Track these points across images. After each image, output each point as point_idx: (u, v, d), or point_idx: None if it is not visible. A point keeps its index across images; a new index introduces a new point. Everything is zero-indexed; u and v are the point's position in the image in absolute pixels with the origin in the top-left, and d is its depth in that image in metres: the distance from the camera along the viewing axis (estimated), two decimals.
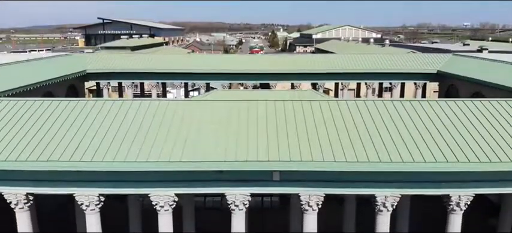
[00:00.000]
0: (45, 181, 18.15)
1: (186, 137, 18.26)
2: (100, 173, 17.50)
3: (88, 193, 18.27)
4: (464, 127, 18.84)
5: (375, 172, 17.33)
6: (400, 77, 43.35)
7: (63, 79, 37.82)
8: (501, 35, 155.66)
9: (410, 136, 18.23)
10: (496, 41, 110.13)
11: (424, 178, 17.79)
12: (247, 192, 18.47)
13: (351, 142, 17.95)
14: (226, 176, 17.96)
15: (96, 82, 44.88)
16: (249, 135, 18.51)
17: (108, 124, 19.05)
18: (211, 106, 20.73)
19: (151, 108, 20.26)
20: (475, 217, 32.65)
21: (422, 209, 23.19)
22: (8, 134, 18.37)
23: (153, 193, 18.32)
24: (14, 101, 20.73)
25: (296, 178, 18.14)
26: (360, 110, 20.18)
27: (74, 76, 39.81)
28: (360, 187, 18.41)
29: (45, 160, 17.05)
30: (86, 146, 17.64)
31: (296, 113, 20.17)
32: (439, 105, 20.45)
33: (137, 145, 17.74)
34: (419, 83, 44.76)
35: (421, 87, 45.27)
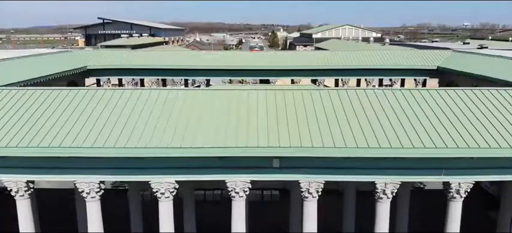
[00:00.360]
0: (45, 168, 18.24)
1: (187, 124, 18.34)
2: (101, 159, 17.57)
3: (89, 180, 18.35)
4: (464, 115, 18.93)
5: (375, 158, 17.41)
6: (400, 73, 43.40)
7: (64, 75, 37.88)
8: (501, 35, 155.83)
9: (410, 123, 18.31)
10: (496, 40, 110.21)
11: (424, 164, 17.86)
12: (247, 179, 18.54)
13: (350, 129, 18.03)
14: (226, 163, 18.03)
15: (97, 79, 44.97)
16: (249, 122, 18.59)
17: (109, 112, 19.13)
18: (211, 95, 20.82)
19: (152, 96, 20.34)
20: (475, 210, 32.75)
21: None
22: (9, 121, 18.44)
23: (154, 180, 18.39)
24: (14, 91, 20.83)
25: (296, 165, 18.21)
26: (359, 98, 20.27)
27: (74, 72, 39.87)
28: (360, 174, 18.48)
29: (46, 146, 17.13)
30: (87, 132, 17.73)
31: (296, 101, 20.25)
32: (439, 94, 20.53)
33: (138, 131, 17.83)
34: (419, 80, 44.78)
35: (421, 83, 45.31)
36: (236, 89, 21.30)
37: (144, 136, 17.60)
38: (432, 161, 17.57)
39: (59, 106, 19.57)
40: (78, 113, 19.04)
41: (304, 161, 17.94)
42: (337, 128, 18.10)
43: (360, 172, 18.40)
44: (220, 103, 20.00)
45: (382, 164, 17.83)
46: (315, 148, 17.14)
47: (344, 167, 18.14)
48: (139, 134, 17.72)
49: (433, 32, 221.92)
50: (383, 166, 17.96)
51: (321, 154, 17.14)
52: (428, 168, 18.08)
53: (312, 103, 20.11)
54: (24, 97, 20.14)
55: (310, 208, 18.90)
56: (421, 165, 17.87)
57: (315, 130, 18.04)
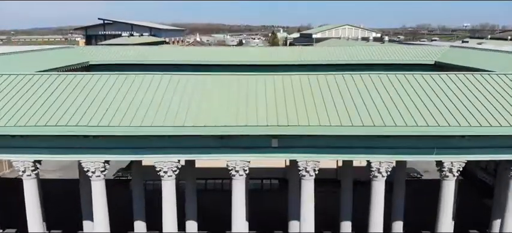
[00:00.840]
0: (52, 147, 18.97)
1: (188, 106, 19.08)
2: (106, 139, 18.31)
3: (94, 159, 19.08)
4: (456, 96, 19.68)
5: (369, 137, 18.13)
6: (397, 68, 43.81)
7: (66, 69, 38.62)
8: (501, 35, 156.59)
9: (404, 104, 19.07)
10: (495, 39, 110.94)
11: (417, 143, 18.58)
12: (247, 159, 19.27)
13: (346, 109, 18.78)
14: (227, 143, 18.74)
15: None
16: (249, 105, 19.33)
17: (114, 94, 19.89)
18: (214, 80, 21.57)
19: (155, 80, 21.10)
20: (472, 198, 33.52)
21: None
22: (17, 103, 19.18)
23: (157, 159, 19.13)
24: (21, 76, 21.57)
25: (294, 145, 18.94)
26: (355, 82, 21.03)
27: (76, 67, 40.60)
28: (355, 153, 19.24)
29: (54, 124, 17.88)
30: (93, 112, 18.49)
31: (294, 85, 21.01)
32: (432, 78, 21.29)
33: (142, 112, 18.58)
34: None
35: None
36: (237, 75, 22.05)
37: (148, 116, 18.34)
38: (424, 139, 18.29)
39: (64, 90, 20.32)
40: (84, 95, 19.80)
41: (302, 140, 18.67)
42: (333, 109, 18.84)
43: (355, 152, 19.15)
44: (222, 87, 20.76)
45: (376, 143, 18.55)
46: (311, 127, 17.89)
47: (340, 146, 18.86)
48: (143, 114, 18.47)
49: (433, 33, 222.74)
50: (377, 145, 18.69)
51: (317, 132, 17.88)
52: (421, 147, 18.79)
53: (309, 86, 20.87)
54: (31, 81, 20.90)
55: (308, 186, 19.62)
56: (414, 144, 18.59)
57: (312, 111, 18.78)
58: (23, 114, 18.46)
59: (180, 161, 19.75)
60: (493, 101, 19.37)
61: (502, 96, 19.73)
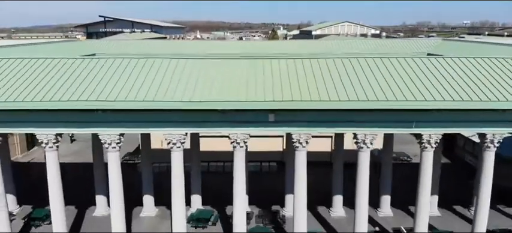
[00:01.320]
0: (72, 122, 21.49)
1: (195, 85, 21.54)
2: (121, 113, 20.79)
3: (110, 132, 21.59)
4: (433, 75, 22.15)
5: (354, 110, 20.61)
6: None
7: None
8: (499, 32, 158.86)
9: (386, 82, 21.53)
10: (492, 35, 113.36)
11: (398, 118, 21.09)
12: (247, 132, 21.76)
13: (335, 87, 21.22)
14: (229, 117, 21.21)
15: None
16: (248, 84, 21.76)
17: (127, 74, 22.33)
18: (217, 63, 24.06)
19: (164, 64, 23.56)
20: (459, 179, 36.09)
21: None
22: (40, 83, 21.64)
23: (167, 132, 21.63)
24: (42, 60, 24.01)
25: (288, 119, 21.42)
26: (344, 65, 23.45)
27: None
28: (343, 127, 21.79)
29: (75, 100, 20.38)
30: (109, 90, 20.96)
31: (289, 68, 23.45)
32: (414, 61, 23.71)
33: (154, 89, 21.05)
34: None
35: None
36: (238, 59, 24.55)
37: (159, 92, 20.81)
38: (404, 113, 20.79)
39: (82, 71, 22.73)
40: (100, 76, 22.25)
41: (295, 115, 21.16)
42: (323, 88, 21.30)
43: (343, 125, 21.69)
44: (225, 70, 23.24)
45: (361, 117, 21.05)
46: (303, 102, 20.38)
47: (329, 120, 21.35)
48: (154, 91, 20.95)
49: (433, 30, 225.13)
50: (362, 119, 21.18)
51: (308, 106, 20.38)
52: (401, 121, 21.32)
53: (303, 70, 23.29)
54: (51, 65, 23.37)
55: (301, 156, 22.12)
56: (395, 118, 21.10)
57: (305, 90, 21.23)
58: (47, 92, 20.91)
59: (187, 134, 22.26)
60: (466, 80, 21.83)
61: (477, 77, 22.15)
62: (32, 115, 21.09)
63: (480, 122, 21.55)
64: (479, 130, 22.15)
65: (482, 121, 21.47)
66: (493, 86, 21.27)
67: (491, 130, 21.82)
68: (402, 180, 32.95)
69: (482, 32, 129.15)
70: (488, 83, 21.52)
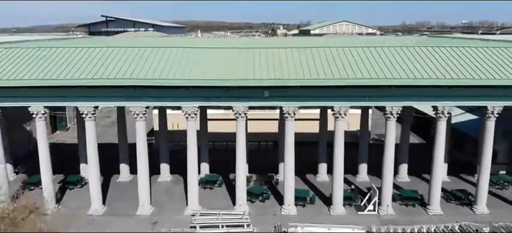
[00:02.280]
0: (107, 96, 27.70)
1: (204, 68, 27.77)
2: (146, 89, 26.95)
3: (138, 105, 27.81)
4: (396, 60, 28.35)
5: (329, 87, 26.73)
6: None
7: None
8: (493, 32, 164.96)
9: (357, 65, 27.76)
10: (484, 34, 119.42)
11: (365, 93, 27.26)
12: (246, 105, 27.96)
13: (316, 70, 27.44)
14: (232, 93, 27.37)
15: None
16: (247, 67, 27.99)
17: (151, 59, 28.56)
18: (221, 51, 30.33)
19: (173, 51, 29.82)
20: (428, 155, 42.08)
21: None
22: (78, 62, 27.86)
23: (184, 105, 27.84)
24: (73, 48, 30.22)
25: (280, 95, 27.59)
26: (325, 53, 29.69)
27: None
28: (324, 101, 28.09)
29: (106, 77, 26.61)
30: (138, 70, 27.20)
31: (281, 55, 29.67)
32: (382, 51, 29.94)
33: (173, 70, 27.28)
34: None
35: None
36: (239, 48, 30.83)
37: (177, 74, 27.02)
38: (371, 89, 26.98)
39: (109, 55, 28.97)
40: (125, 58, 28.48)
41: (286, 91, 27.31)
42: (307, 70, 27.52)
43: (324, 99, 27.96)
44: (227, 56, 29.51)
45: (336, 92, 27.21)
46: (291, 80, 26.61)
47: (312, 95, 27.53)
48: (174, 72, 27.16)
49: (432, 30, 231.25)
50: (337, 94, 27.34)
51: (296, 83, 26.55)
52: (370, 96, 27.52)
53: (292, 57, 29.49)
54: (83, 51, 29.61)
55: (289, 125, 28.33)
56: (363, 93, 27.27)
57: (293, 71, 27.45)
58: (82, 71, 27.13)
59: (199, 109, 28.52)
60: (420, 61, 28.05)
61: (436, 60, 28.34)
62: (75, 91, 27.30)
63: (432, 97, 27.76)
64: (432, 103, 28.42)
65: (434, 95, 27.66)
66: (447, 66, 27.49)
67: (442, 103, 27.99)
68: (380, 156, 39.04)
69: (476, 31, 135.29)
70: (444, 64, 27.74)
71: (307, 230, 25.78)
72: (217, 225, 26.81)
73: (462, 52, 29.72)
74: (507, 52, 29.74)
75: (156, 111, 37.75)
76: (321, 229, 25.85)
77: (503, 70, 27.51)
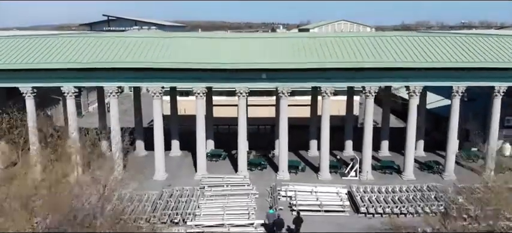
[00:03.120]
0: (128, 77, 33.36)
1: (210, 53, 33.41)
2: (162, 71, 32.55)
3: (155, 85, 33.46)
4: (379, 47, 33.97)
5: (315, 69, 32.34)
6: None
7: None
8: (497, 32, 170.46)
9: (340, 52, 33.38)
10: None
11: (346, 75, 32.90)
12: (247, 86, 33.59)
13: (305, 55, 33.11)
14: (234, 75, 32.96)
15: None
16: (248, 53, 33.66)
17: (169, 43, 34.20)
18: (223, 39, 36.02)
19: (184, 39, 35.48)
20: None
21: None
22: (99, 48, 33.50)
23: (193, 86, 33.48)
24: (100, 37, 35.86)
25: (275, 77, 33.17)
26: (314, 42, 35.36)
27: None
28: (312, 81, 33.75)
29: (136, 60, 32.26)
30: (156, 55, 32.84)
31: (278, 43, 35.36)
32: (369, 39, 35.58)
33: (186, 55, 32.93)
34: None
35: None
36: (240, 37, 36.51)
37: (190, 56, 32.68)
38: (350, 72, 32.60)
39: (143, 41, 34.61)
40: (148, 46, 34.13)
41: (280, 73, 32.91)
42: (297, 55, 33.18)
43: (312, 81, 33.64)
44: (230, 43, 35.18)
45: (322, 74, 32.80)
46: (285, 63, 32.25)
47: (303, 77, 33.15)
48: (187, 55, 32.81)
49: (430, 30, 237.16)
50: (323, 76, 32.92)
51: (286, 66, 32.18)
52: (351, 78, 33.19)
53: (287, 44, 35.16)
54: (107, 39, 35.27)
55: (284, 103, 33.97)
56: (344, 75, 32.91)
57: (284, 55, 33.11)
58: (104, 55, 32.78)
59: (205, 89, 34.17)
60: (389, 48, 33.67)
61: (414, 46, 33.92)
62: (101, 73, 32.90)
63: (404, 78, 33.38)
64: (404, 83, 34.09)
65: (406, 77, 33.25)
66: (419, 51, 33.10)
67: (414, 83, 33.55)
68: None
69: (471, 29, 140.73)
70: (416, 49, 33.38)
71: (297, 188, 31.40)
72: (222, 184, 32.39)
73: (437, 40, 35.32)
74: (482, 40, 35.29)
75: (168, 98, 43.38)
76: (308, 187, 31.46)
77: (471, 54, 33.14)
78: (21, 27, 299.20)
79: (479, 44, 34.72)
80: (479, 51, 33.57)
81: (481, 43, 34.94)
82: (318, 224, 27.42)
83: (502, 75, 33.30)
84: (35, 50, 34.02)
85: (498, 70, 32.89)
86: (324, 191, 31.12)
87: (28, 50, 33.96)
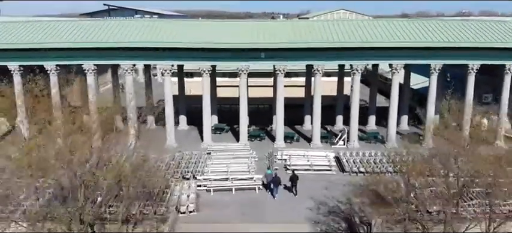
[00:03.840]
0: (143, 56, 38.25)
1: (218, 36, 38.24)
2: (173, 51, 37.40)
3: (166, 63, 38.35)
4: (367, 31, 38.78)
5: (311, 49, 37.22)
6: None
7: None
8: None
9: (331, 32, 38.21)
10: None
11: (335, 54, 37.75)
12: (248, 64, 38.48)
13: (300, 36, 37.93)
14: (236, 54, 37.81)
15: None
16: (248, 34, 38.49)
17: (175, 28, 38.99)
18: (227, 23, 40.83)
19: (193, 23, 40.28)
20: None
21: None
22: (115, 30, 38.29)
23: (200, 64, 38.38)
24: (112, 20, 40.63)
25: (272, 56, 38.03)
26: (308, 25, 40.14)
27: None
28: (305, 60, 38.66)
29: (152, 40, 37.11)
30: (166, 36, 37.65)
31: (276, 26, 40.17)
32: (357, 23, 40.35)
33: (191, 36, 37.75)
34: None
35: None
36: (243, 22, 41.31)
37: (197, 38, 37.51)
38: (340, 50, 37.46)
39: (154, 24, 39.38)
40: (164, 27, 38.93)
41: (276, 53, 37.75)
42: (292, 35, 38.01)
43: (305, 59, 38.53)
44: (233, 27, 40.00)
45: (314, 54, 37.65)
46: (281, 43, 37.10)
47: (296, 57, 38.01)
48: (194, 37, 37.63)
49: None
50: (315, 55, 37.77)
51: (284, 46, 37.03)
52: (340, 57, 38.08)
53: (283, 27, 39.98)
54: (122, 23, 40.05)
55: (280, 80, 38.85)
56: (337, 56, 37.79)
57: (281, 37, 37.94)
58: (129, 37, 37.58)
59: (210, 67, 39.02)
60: (375, 31, 38.48)
61: (397, 29, 38.72)
62: (120, 52, 37.73)
63: (386, 56, 38.27)
64: (388, 61, 39.02)
65: (388, 56, 38.12)
66: (400, 32, 37.94)
67: (396, 61, 38.40)
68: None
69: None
70: (398, 31, 38.19)
71: (291, 152, 36.45)
72: (226, 150, 37.40)
73: (419, 24, 39.96)
74: (460, 24, 40.07)
75: (176, 79, 48.22)
76: (301, 152, 36.51)
77: (447, 35, 37.84)
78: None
79: (456, 28, 39.53)
80: (455, 33, 38.43)
81: (458, 26, 39.79)
82: (310, 181, 32.41)
83: (474, 54, 38.15)
84: (58, 31, 38.92)
85: (470, 49, 37.74)
86: (314, 154, 36.13)
87: (52, 31, 38.90)
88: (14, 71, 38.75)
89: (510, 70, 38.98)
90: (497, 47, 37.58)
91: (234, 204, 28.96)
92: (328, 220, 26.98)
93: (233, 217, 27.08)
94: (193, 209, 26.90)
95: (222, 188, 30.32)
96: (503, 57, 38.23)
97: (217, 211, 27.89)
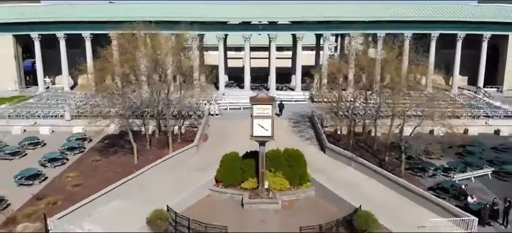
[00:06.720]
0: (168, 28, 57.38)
1: (227, 14, 57.29)
2: (197, 24, 56.40)
3: (191, 32, 57.36)
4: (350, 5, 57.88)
5: (294, 22, 56.22)
6: None
7: None
8: None
9: (315, 9, 57.32)
10: None
11: (338, 27, 56.87)
12: (250, 32, 57.51)
13: (293, 12, 57.03)
14: (242, 26, 56.82)
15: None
16: (250, 11, 57.59)
17: (192, 8, 58.10)
18: (235, 7, 60.14)
19: (213, 5, 59.61)
20: None
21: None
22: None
23: (215, 34, 57.52)
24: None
25: (268, 27, 57.01)
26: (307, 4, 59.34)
27: None
28: (290, 31, 57.95)
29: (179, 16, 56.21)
30: (191, 11, 56.77)
31: (276, 7, 59.37)
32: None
33: (210, 13, 56.85)
34: None
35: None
36: (247, 4, 60.67)
37: (213, 14, 56.58)
38: (339, 24, 56.49)
39: (177, 6, 58.43)
40: (185, 7, 57.98)
41: (271, 26, 56.70)
42: (286, 13, 57.07)
43: (290, 29, 57.77)
44: (241, 11, 59.31)
45: (296, 26, 56.61)
46: (272, 17, 56.20)
47: (283, 28, 57.11)
48: (213, 15, 56.70)
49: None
50: (297, 27, 56.73)
51: (277, 20, 56.06)
52: (339, 28, 57.27)
53: (275, 7, 59.09)
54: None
55: (273, 45, 57.79)
56: (336, 27, 56.97)
57: (277, 13, 56.97)
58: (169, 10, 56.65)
59: (223, 36, 58.08)
60: (365, 12, 57.49)
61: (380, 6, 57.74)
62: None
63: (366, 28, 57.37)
64: (364, 31, 58.28)
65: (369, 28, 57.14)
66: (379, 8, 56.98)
67: (374, 31, 57.34)
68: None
69: None
70: (379, 10, 57.27)
71: (279, 93, 55.49)
72: (235, 93, 56.54)
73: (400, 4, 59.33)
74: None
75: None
76: (286, 92, 55.62)
77: (418, 11, 57.08)
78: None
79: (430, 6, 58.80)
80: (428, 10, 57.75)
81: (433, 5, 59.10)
82: (290, 106, 51.31)
83: (434, 27, 57.08)
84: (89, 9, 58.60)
85: (431, 23, 56.76)
86: (295, 93, 55.25)
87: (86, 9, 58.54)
88: (86, 37, 58.18)
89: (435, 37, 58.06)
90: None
91: (241, 114, 47.95)
92: (299, 118, 46.02)
93: (238, 119, 45.99)
94: (218, 113, 46.08)
95: (235, 107, 49.53)
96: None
97: (230, 116, 46.93)
